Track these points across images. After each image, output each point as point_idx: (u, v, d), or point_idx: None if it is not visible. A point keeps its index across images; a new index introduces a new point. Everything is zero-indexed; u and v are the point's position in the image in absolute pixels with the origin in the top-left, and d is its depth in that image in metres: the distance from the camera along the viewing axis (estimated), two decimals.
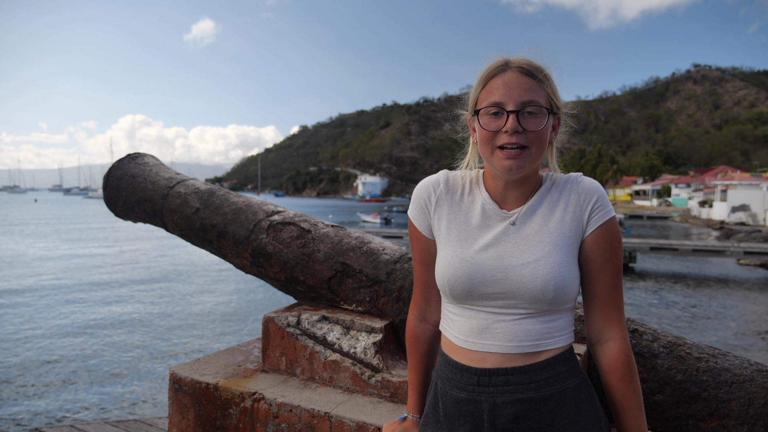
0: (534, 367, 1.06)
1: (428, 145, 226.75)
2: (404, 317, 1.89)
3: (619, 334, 1.11)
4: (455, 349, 1.13)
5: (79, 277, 16.78)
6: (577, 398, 1.06)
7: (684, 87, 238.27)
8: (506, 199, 1.15)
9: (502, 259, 1.08)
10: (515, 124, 1.05)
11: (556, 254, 1.07)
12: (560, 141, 1.22)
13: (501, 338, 1.07)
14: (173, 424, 1.96)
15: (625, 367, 1.09)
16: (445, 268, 1.12)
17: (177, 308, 12.58)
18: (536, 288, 1.04)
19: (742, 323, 12.25)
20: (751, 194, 39.07)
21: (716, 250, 20.00)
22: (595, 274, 1.11)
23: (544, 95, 1.09)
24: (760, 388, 1.32)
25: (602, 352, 1.12)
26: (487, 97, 1.09)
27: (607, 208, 1.10)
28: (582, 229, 1.10)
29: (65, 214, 58.05)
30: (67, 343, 9.39)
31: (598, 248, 1.10)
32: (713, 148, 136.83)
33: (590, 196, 1.11)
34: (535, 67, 1.09)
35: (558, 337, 1.09)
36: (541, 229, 1.10)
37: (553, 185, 1.16)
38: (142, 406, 6.75)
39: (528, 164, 1.08)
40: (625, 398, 1.08)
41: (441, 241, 1.18)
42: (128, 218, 2.66)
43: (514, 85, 1.07)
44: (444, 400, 1.13)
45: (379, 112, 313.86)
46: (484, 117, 1.09)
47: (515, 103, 1.06)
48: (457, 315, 1.14)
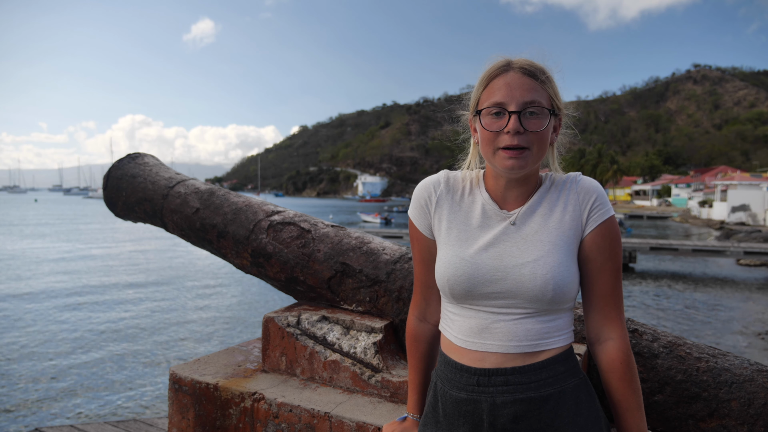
0: (533, 367, 1.06)
1: (428, 145, 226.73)
2: (404, 317, 1.89)
3: (618, 333, 1.11)
4: (455, 349, 1.13)
5: (79, 277, 16.78)
6: (577, 398, 1.06)
7: (684, 87, 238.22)
8: (506, 199, 1.15)
9: (501, 258, 1.08)
10: (517, 125, 1.05)
11: (556, 254, 1.07)
12: (561, 143, 1.22)
13: (500, 338, 1.07)
14: (173, 424, 1.96)
15: (624, 367, 1.09)
16: (445, 268, 1.12)
17: (177, 308, 12.58)
18: (536, 287, 1.05)
19: (742, 323, 12.25)
20: (751, 194, 39.07)
21: (716, 250, 20.00)
22: (594, 273, 1.11)
23: (545, 96, 1.09)
24: (760, 388, 1.32)
25: (602, 352, 1.12)
26: (489, 98, 1.09)
27: (606, 207, 1.11)
28: (581, 229, 1.10)
29: (65, 213, 58.03)
30: (67, 343, 9.39)
31: (597, 247, 1.10)
32: (713, 148, 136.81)
33: (589, 195, 1.11)
34: (537, 67, 1.09)
35: (557, 336, 1.09)
36: (540, 229, 1.10)
37: (553, 185, 1.16)
38: (142, 406, 6.75)
39: (529, 164, 1.08)
40: (625, 398, 1.08)
41: (441, 240, 1.18)
42: (128, 218, 2.66)
43: (516, 86, 1.07)
44: (444, 401, 1.13)
45: (379, 112, 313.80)
46: (486, 117, 1.09)
47: (517, 103, 1.06)
48: (457, 315, 1.14)
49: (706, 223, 43.35)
